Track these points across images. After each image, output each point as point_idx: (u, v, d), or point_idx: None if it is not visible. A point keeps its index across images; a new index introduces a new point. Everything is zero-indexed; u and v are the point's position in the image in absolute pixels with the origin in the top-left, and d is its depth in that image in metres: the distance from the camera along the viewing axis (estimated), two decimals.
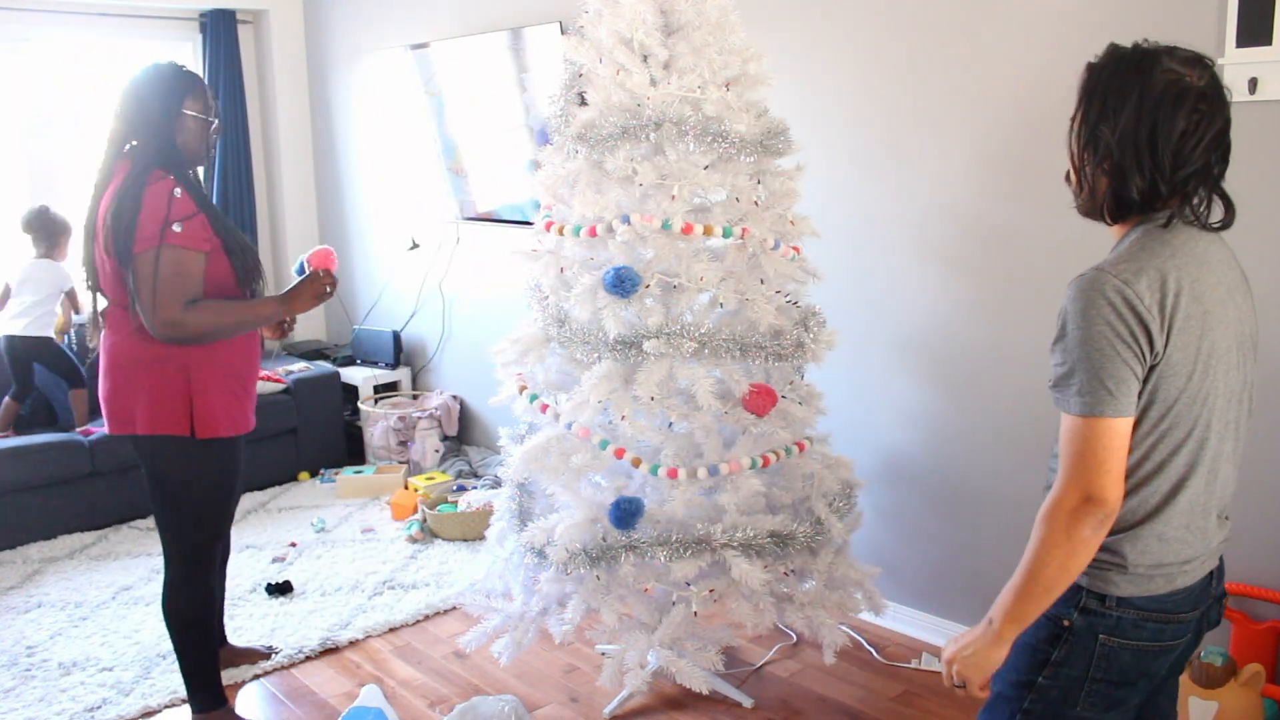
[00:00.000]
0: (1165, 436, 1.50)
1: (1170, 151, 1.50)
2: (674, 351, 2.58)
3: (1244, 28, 2.39)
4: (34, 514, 4.17)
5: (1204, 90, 1.51)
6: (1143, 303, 1.45)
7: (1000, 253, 2.95)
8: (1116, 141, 1.53)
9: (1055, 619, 1.57)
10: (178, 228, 2.49)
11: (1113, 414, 1.45)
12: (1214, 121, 1.51)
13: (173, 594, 2.71)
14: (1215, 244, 1.59)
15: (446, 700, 3.01)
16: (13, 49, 4.87)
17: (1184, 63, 1.52)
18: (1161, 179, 1.51)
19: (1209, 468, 1.54)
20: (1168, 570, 1.54)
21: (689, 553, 2.59)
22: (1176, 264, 1.49)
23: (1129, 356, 1.45)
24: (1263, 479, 2.55)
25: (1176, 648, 1.60)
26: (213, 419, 2.63)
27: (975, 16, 2.88)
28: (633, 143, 2.60)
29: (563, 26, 3.95)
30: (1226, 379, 1.54)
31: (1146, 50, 1.54)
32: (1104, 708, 1.58)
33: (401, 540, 4.16)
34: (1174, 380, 1.48)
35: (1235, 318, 1.56)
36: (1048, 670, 1.58)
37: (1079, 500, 1.46)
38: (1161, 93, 1.50)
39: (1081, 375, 1.47)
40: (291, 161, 5.70)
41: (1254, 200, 2.48)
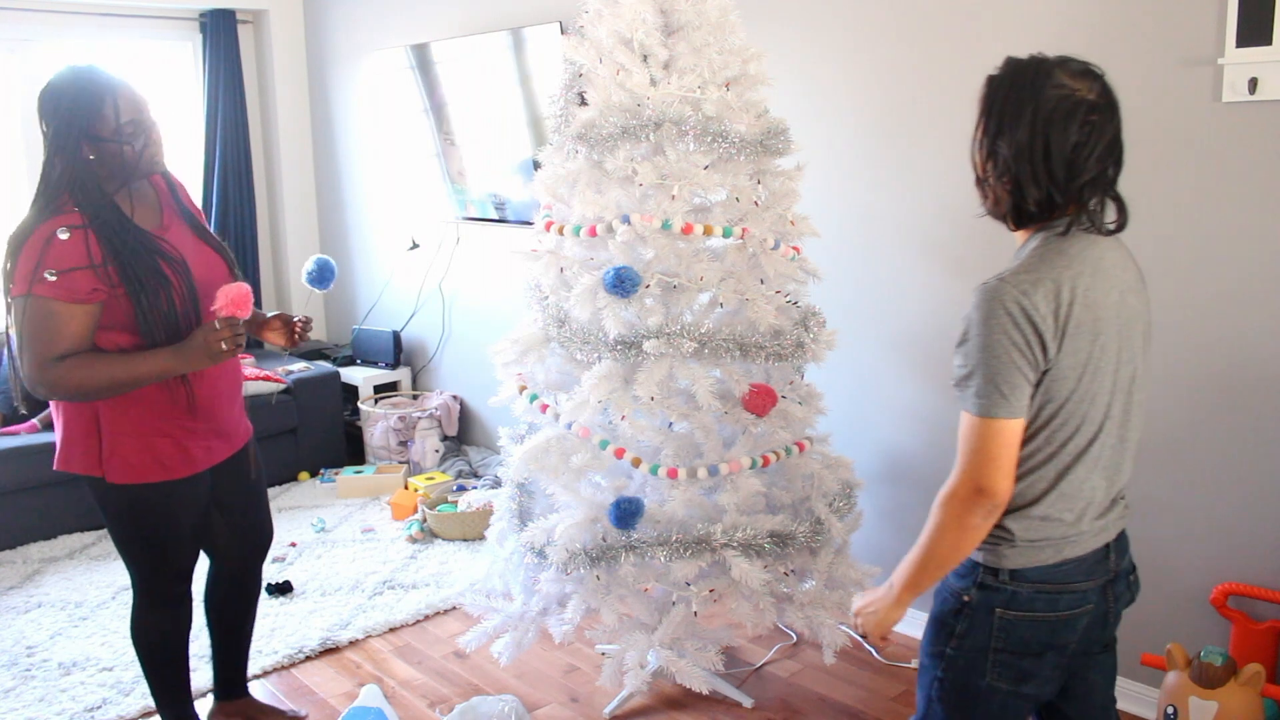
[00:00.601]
0: (1056, 432, 1.62)
1: (1063, 164, 1.60)
2: (674, 351, 2.58)
3: (1244, 28, 2.39)
4: (34, 514, 4.17)
5: (1095, 102, 1.61)
6: (1038, 313, 1.56)
7: (1001, 253, 2.94)
8: (1013, 156, 1.62)
9: (957, 594, 1.71)
10: (50, 276, 2.16)
11: (1006, 415, 1.58)
12: (1105, 131, 1.62)
13: (134, 617, 2.55)
14: (1111, 248, 1.68)
15: (446, 700, 3.01)
16: (12, 49, 4.87)
17: (1075, 76, 1.62)
18: (1056, 190, 1.61)
19: (1095, 456, 1.65)
20: (1055, 542, 1.65)
21: (689, 553, 2.59)
22: (1072, 274, 1.60)
23: (1023, 363, 1.57)
24: (1262, 480, 2.55)
25: (1077, 618, 1.69)
26: (125, 462, 2.34)
27: (975, 16, 2.88)
28: (633, 143, 2.60)
29: (563, 26, 3.95)
30: (1115, 377, 1.65)
31: (1039, 65, 1.63)
32: (1013, 679, 1.69)
33: (401, 540, 4.16)
34: (1065, 382, 1.60)
35: (1127, 318, 1.66)
36: (953, 642, 1.71)
37: (971, 491, 1.60)
38: (1053, 108, 1.59)
39: (979, 378, 1.58)
40: (291, 161, 5.70)
41: (1254, 200, 2.48)
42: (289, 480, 4.93)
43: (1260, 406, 2.53)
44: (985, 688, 1.70)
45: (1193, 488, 2.66)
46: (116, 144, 2.25)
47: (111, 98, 2.24)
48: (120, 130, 2.25)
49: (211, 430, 2.48)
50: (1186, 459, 2.66)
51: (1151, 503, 2.73)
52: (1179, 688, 2.47)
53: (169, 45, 5.39)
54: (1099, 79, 1.64)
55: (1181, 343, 2.63)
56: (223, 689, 2.85)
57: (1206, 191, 2.54)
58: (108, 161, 2.27)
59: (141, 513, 2.42)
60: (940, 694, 1.74)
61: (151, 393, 2.34)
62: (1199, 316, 2.59)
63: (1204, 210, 2.55)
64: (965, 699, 1.72)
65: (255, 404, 4.58)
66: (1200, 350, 2.60)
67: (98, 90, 2.23)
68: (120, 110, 2.25)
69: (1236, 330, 2.54)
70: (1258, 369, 2.53)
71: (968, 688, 1.71)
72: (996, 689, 1.70)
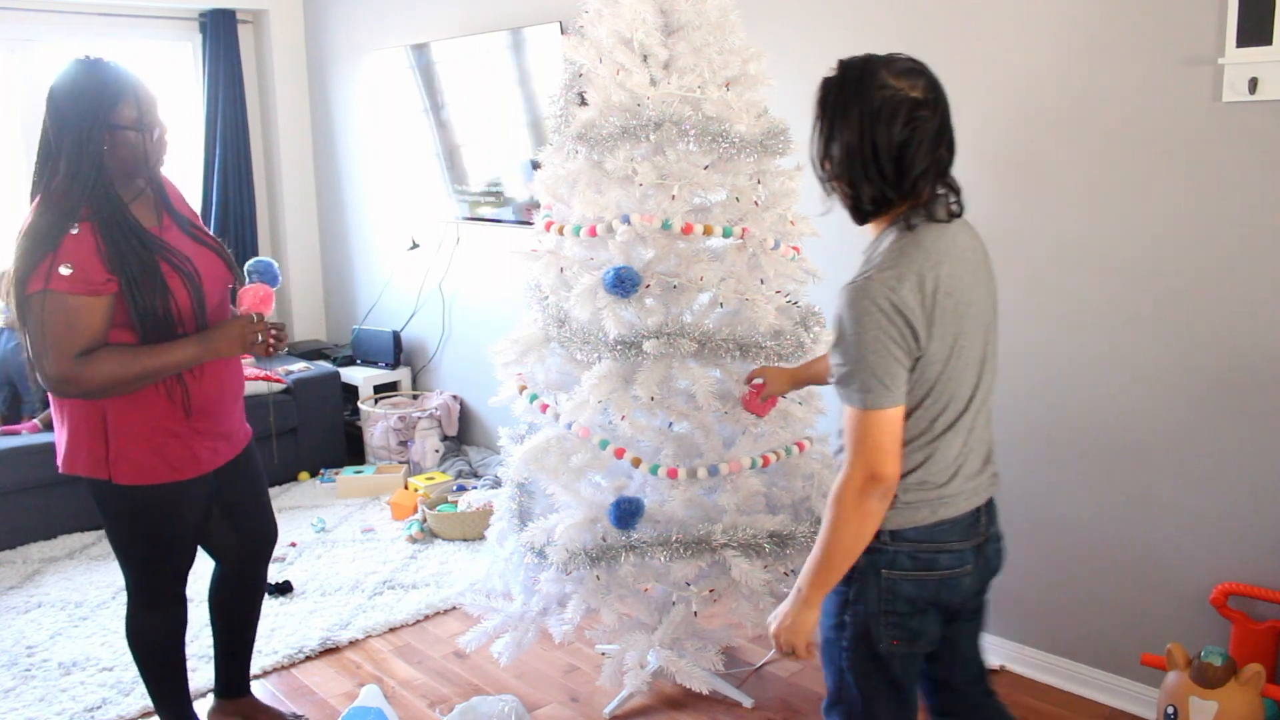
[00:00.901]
0: (929, 409, 1.73)
1: (891, 162, 1.69)
2: (674, 351, 2.58)
3: (1244, 28, 2.39)
4: (34, 514, 4.17)
5: (920, 99, 1.68)
6: (907, 305, 1.66)
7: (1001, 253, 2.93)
8: (844, 157, 1.72)
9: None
10: (65, 270, 2.17)
11: (889, 405, 1.67)
12: (931, 125, 1.69)
13: (130, 620, 2.54)
14: (961, 232, 1.79)
15: (446, 700, 3.01)
16: (12, 49, 4.87)
17: (900, 75, 1.69)
18: (888, 187, 1.71)
19: (967, 427, 1.78)
20: (930, 503, 1.76)
21: (689, 553, 2.59)
22: (932, 263, 1.69)
23: (899, 353, 1.67)
24: (1262, 480, 2.55)
25: (958, 578, 1.80)
26: (133, 464, 2.33)
27: (975, 16, 2.88)
28: (633, 143, 2.60)
29: (563, 26, 3.95)
30: (974, 354, 1.76)
31: (865, 66, 1.71)
32: (908, 639, 1.79)
33: (401, 540, 4.16)
34: (935, 365, 1.71)
35: (980, 297, 1.78)
36: (849, 610, 1.81)
37: (865, 479, 1.68)
38: (878, 109, 1.67)
39: (861, 374, 1.67)
40: (291, 161, 5.70)
41: (1254, 200, 2.47)
42: (289, 480, 4.93)
43: (1260, 406, 2.53)
44: (885, 652, 1.79)
45: (1193, 488, 2.66)
46: (137, 132, 2.26)
47: (132, 88, 2.26)
48: (140, 120, 2.26)
49: (216, 431, 2.48)
50: (1186, 459, 2.66)
51: (1152, 502, 2.74)
52: (1179, 688, 2.47)
53: (169, 45, 5.39)
54: (924, 75, 1.72)
55: (1181, 342, 2.63)
56: (224, 688, 2.85)
57: (1206, 191, 2.54)
58: (122, 152, 2.26)
59: (145, 514, 2.41)
60: (850, 663, 1.83)
61: (158, 395, 2.34)
62: (1198, 316, 2.59)
63: (1204, 210, 2.55)
64: (872, 665, 1.81)
65: (255, 404, 4.58)
66: (1200, 350, 2.60)
67: (120, 79, 2.26)
68: (140, 100, 2.27)
69: (1236, 330, 2.54)
70: (1257, 369, 2.52)
71: (872, 654, 1.80)
72: (896, 651, 1.79)
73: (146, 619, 2.54)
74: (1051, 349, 2.87)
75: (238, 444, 2.60)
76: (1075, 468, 2.86)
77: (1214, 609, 2.62)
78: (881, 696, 1.83)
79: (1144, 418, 2.72)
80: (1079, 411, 2.83)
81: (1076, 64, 2.71)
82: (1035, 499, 2.96)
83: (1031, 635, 3.03)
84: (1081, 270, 2.78)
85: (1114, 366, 2.76)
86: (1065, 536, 2.91)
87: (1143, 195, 2.65)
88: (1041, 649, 3.01)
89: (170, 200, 2.47)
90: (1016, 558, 3.02)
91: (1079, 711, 2.85)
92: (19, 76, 4.87)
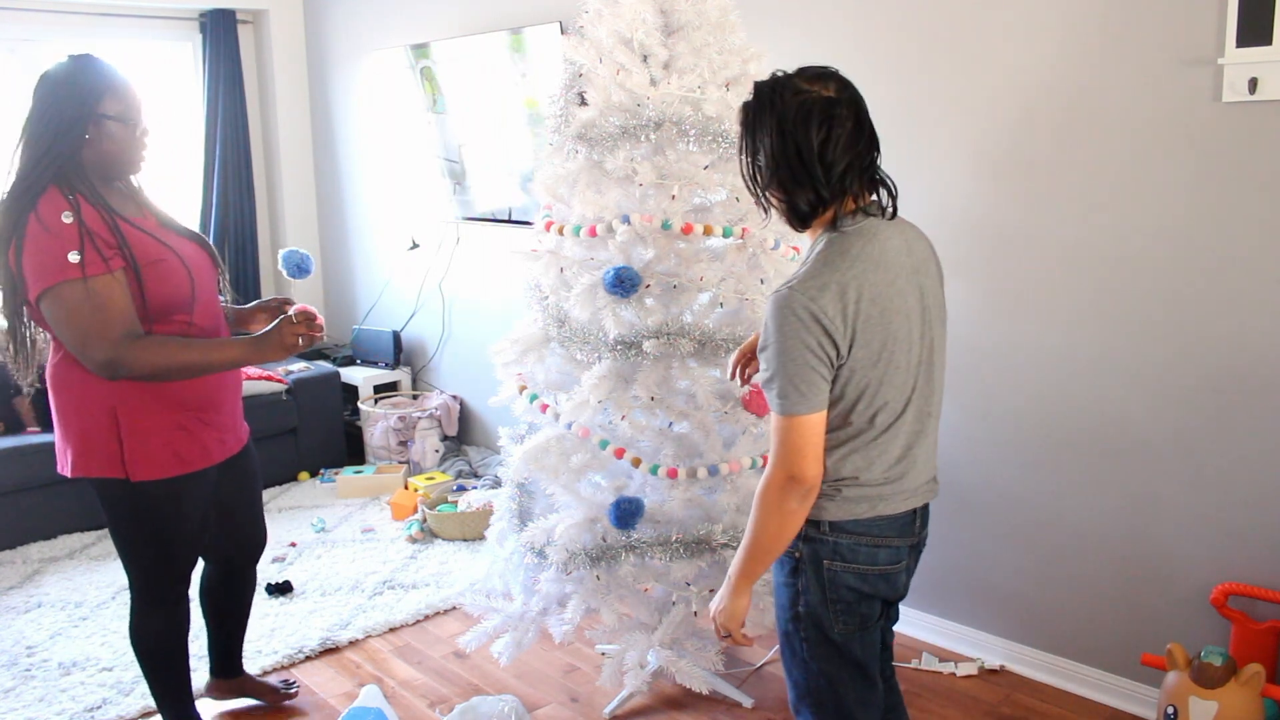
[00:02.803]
0: (861, 414, 1.78)
1: (816, 160, 1.74)
2: (674, 351, 2.58)
3: (1244, 28, 2.39)
4: (34, 514, 4.17)
5: (832, 98, 1.75)
6: (827, 315, 1.70)
7: (1002, 253, 2.95)
8: (772, 166, 1.78)
9: (790, 554, 1.87)
10: (74, 257, 2.17)
11: (806, 412, 1.73)
12: (847, 121, 1.75)
13: (134, 622, 2.55)
14: (895, 234, 1.82)
15: (446, 700, 3.01)
16: (12, 49, 4.87)
17: (810, 80, 1.77)
18: (820, 185, 1.76)
19: (908, 430, 1.82)
20: (869, 499, 1.81)
21: (689, 553, 2.60)
22: (855, 273, 1.74)
23: (816, 363, 1.72)
24: (1263, 480, 2.55)
25: (895, 573, 1.88)
26: (148, 459, 2.34)
27: (977, 17, 2.88)
28: (633, 143, 2.60)
29: (563, 26, 3.95)
30: (908, 357, 1.80)
31: (776, 80, 1.80)
32: (857, 626, 1.86)
33: (401, 540, 4.16)
34: (862, 371, 1.75)
35: (911, 303, 1.80)
36: (800, 601, 1.87)
37: (784, 479, 1.76)
38: (794, 113, 1.74)
39: (779, 380, 1.73)
40: (291, 161, 5.70)
41: (1254, 200, 2.47)
42: (289, 480, 4.93)
43: (1260, 406, 2.53)
44: (840, 639, 1.86)
45: (1193, 488, 2.66)
46: (121, 125, 2.28)
47: (121, 83, 2.29)
48: (125, 113, 2.29)
49: (221, 421, 2.50)
50: (1187, 459, 2.66)
51: (1152, 502, 2.74)
52: (1179, 688, 2.47)
53: (169, 45, 5.39)
54: (834, 77, 1.79)
55: (1181, 342, 2.63)
56: (218, 668, 2.94)
57: (1206, 191, 2.54)
58: (104, 145, 2.27)
59: (156, 511, 2.42)
60: (810, 653, 1.89)
61: (164, 387, 2.35)
62: (1199, 316, 2.59)
63: (1204, 210, 2.55)
64: (831, 650, 1.88)
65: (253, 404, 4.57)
66: (1200, 350, 2.60)
67: (109, 73, 2.29)
68: (129, 95, 2.30)
69: (1236, 330, 2.54)
70: (1258, 369, 2.53)
71: (828, 642, 1.87)
72: (850, 637, 1.87)
73: (150, 619, 2.55)
74: (1051, 349, 2.87)
75: (240, 438, 2.62)
76: (1076, 468, 2.86)
77: (1214, 609, 2.62)
78: (845, 678, 1.90)
79: (1144, 418, 2.72)
80: (1079, 411, 2.83)
81: (1077, 64, 2.71)
82: (1036, 499, 2.96)
83: (1031, 635, 3.03)
84: (1081, 270, 2.78)
85: (1113, 366, 2.76)
86: (1066, 536, 2.91)
87: (1143, 195, 2.65)
88: (1041, 649, 3.01)
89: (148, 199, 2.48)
90: (1017, 558, 3.03)
91: (1079, 711, 2.85)
92: (19, 76, 4.87)
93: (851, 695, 1.91)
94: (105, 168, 2.31)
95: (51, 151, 2.23)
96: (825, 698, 1.92)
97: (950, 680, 3.03)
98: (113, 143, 2.29)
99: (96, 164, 2.30)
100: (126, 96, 2.29)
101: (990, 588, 3.10)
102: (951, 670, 3.06)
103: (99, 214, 2.24)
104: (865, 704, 1.92)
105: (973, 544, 3.11)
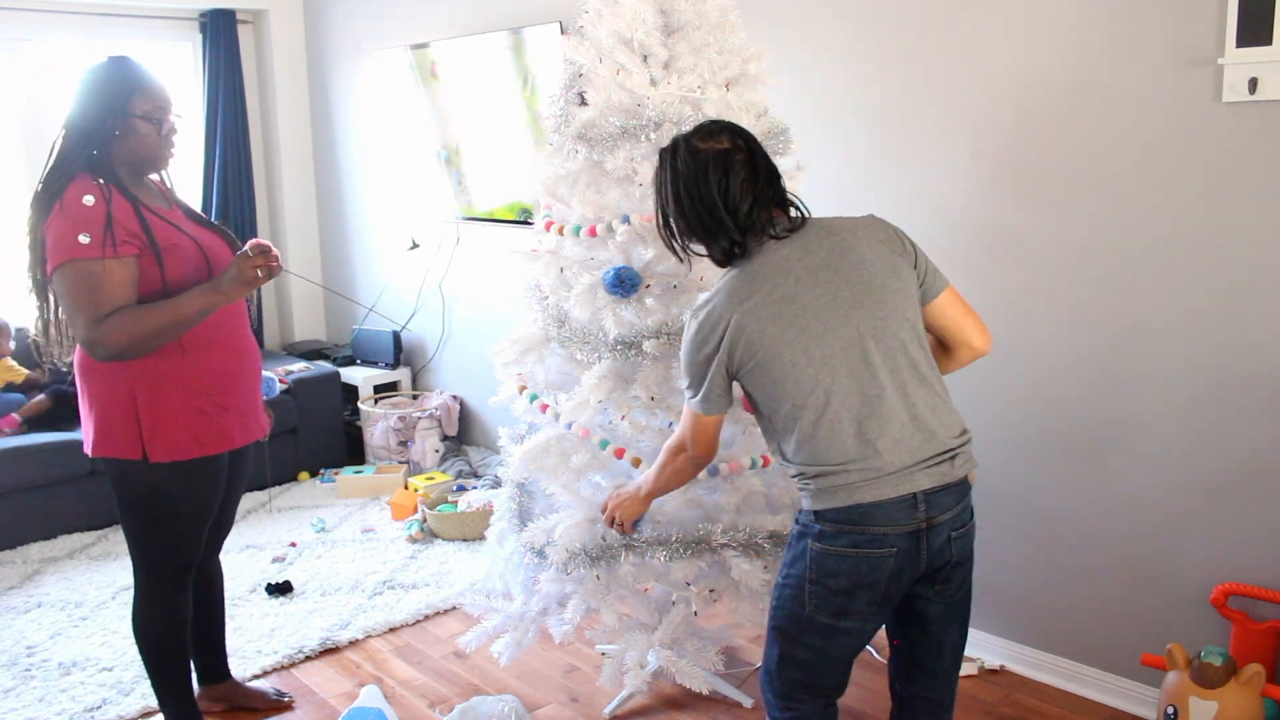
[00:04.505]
0: (784, 408, 1.93)
1: (721, 207, 1.92)
2: (674, 351, 2.58)
3: (1244, 28, 2.39)
4: (34, 514, 4.17)
5: (723, 150, 1.93)
6: (715, 333, 1.94)
7: (1003, 254, 2.95)
8: (684, 224, 1.99)
9: (790, 532, 2.04)
10: (85, 238, 2.27)
11: (704, 413, 2.06)
12: (741, 168, 1.92)
13: (139, 611, 2.58)
14: (794, 244, 1.95)
15: (446, 700, 3.01)
16: (13, 49, 4.87)
17: (703, 137, 1.95)
18: (732, 229, 1.93)
19: (853, 418, 1.89)
20: (846, 488, 1.90)
21: (689, 553, 2.59)
22: (747, 291, 1.92)
23: (711, 373, 1.98)
24: (1263, 480, 2.55)
25: (881, 559, 1.90)
26: (167, 441, 2.41)
27: (976, 16, 2.88)
28: (633, 143, 2.60)
29: (563, 26, 3.95)
30: (829, 350, 1.90)
31: (673, 146, 1.99)
32: (831, 613, 1.95)
33: (401, 540, 4.16)
34: (768, 371, 1.91)
35: (813, 299, 1.91)
36: (785, 571, 2.02)
37: (679, 444, 2.18)
38: (691, 173, 1.94)
39: (688, 383, 2.05)
40: (291, 161, 5.70)
41: (1254, 200, 2.47)
42: (289, 480, 4.93)
43: (1260, 406, 2.53)
44: (808, 617, 1.97)
45: (1193, 488, 2.66)
46: (149, 123, 2.39)
47: (151, 83, 2.41)
48: (153, 112, 2.40)
49: (241, 406, 2.56)
50: (1187, 459, 2.66)
51: (1152, 503, 2.74)
52: (1179, 688, 2.47)
53: (169, 45, 5.39)
54: (726, 129, 1.96)
55: (1181, 342, 2.63)
56: (204, 675, 2.91)
57: (1206, 191, 2.54)
58: (131, 141, 2.39)
59: (183, 491, 2.47)
60: (776, 619, 2.03)
61: (181, 373, 2.42)
62: (1199, 316, 2.59)
63: (1204, 210, 2.55)
64: (794, 624, 2.00)
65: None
66: (1200, 350, 2.60)
67: (140, 74, 2.41)
68: (157, 96, 2.41)
69: (1236, 330, 2.54)
70: (1258, 368, 2.53)
71: (796, 616, 1.99)
72: (818, 620, 1.96)
73: (155, 609, 2.58)
74: (1050, 349, 2.87)
75: (262, 425, 2.67)
76: (1076, 468, 2.86)
77: (1214, 609, 2.62)
78: (796, 658, 2.01)
79: (1144, 417, 2.72)
80: (1080, 411, 2.83)
81: (1076, 64, 2.71)
82: (1036, 498, 2.96)
83: (1031, 635, 3.03)
84: (1081, 270, 2.78)
85: (1112, 366, 2.76)
86: (1066, 536, 2.91)
87: (1143, 195, 2.65)
88: (1041, 649, 3.01)
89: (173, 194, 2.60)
90: (1017, 558, 3.03)
91: (1079, 711, 2.85)
92: (18, 76, 4.87)
93: (792, 677, 2.03)
94: (134, 163, 2.42)
95: (84, 144, 2.35)
96: (772, 669, 2.06)
97: None
98: (140, 140, 2.40)
99: (126, 159, 2.41)
100: (155, 97, 2.40)
101: (990, 587, 3.09)
102: None
103: (126, 202, 2.35)
104: (806, 689, 2.04)
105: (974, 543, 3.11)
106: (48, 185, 2.35)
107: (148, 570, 2.56)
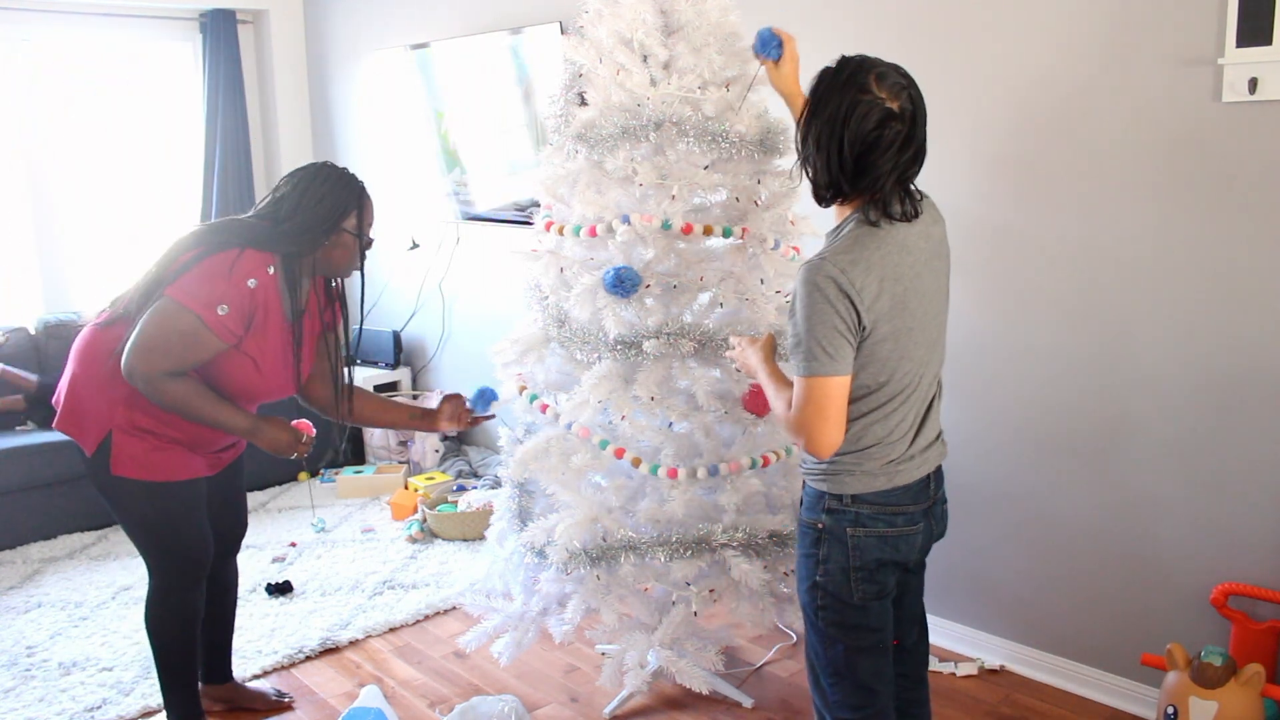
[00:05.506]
0: (882, 387, 1.89)
1: (853, 161, 1.82)
2: (674, 351, 2.58)
3: (1244, 28, 2.39)
4: (34, 514, 4.17)
5: (894, 111, 1.81)
6: (854, 287, 1.80)
7: (1002, 253, 2.95)
8: (815, 146, 1.87)
9: (812, 524, 1.99)
10: (222, 309, 2.36)
11: (831, 373, 1.82)
12: (899, 135, 1.82)
13: (149, 606, 2.63)
14: (913, 228, 1.91)
15: (446, 700, 3.01)
16: (13, 49, 4.87)
17: (883, 84, 1.82)
18: (844, 180, 1.85)
19: (920, 402, 1.95)
20: (888, 472, 1.93)
21: (689, 553, 2.60)
22: (882, 254, 1.84)
23: (843, 328, 1.81)
24: (1263, 480, 2.55)
25: (912, 535, 1.98)
26: (121, 455, 2.47)
27: (977, 16, 2.88)
28: (633, 143, 2.60)
29: (563, 26, 3.95)
30: (925, 335, 1.92)
31: (857, 69, 1.84)
32: (873, 595, 1.97)
33: (401, 540, 4.16)
34: (883, 345, 1.86)
35: (930, 286, 1.93)
36: (819, 570, 1.97)
37: (794, 434, 1.89)
38: (853, 110, 1.81)
39: (806, 343, 1.82)
40: (291, 161, 5.69)
41: (1254, 200, 2.47)
42: (289, 480, 4.93)
43: (1260, 406, 2.53)
44: (857, 604, 1.96)
45: (1193, 488, 2.66)
46: (355, 238, 2.54)
47: (367, 202, 2.57)
48: (359, 228, 2.55)
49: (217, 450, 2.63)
50: (1187, 458, 2.66)
51: (1152, 502, 2.74)
52: (1179, 688, 2.47)
53: (169, 45, 5.39)
54: (908, 90, 1.85)
55: (1181, 343, 2.63)
56: (207, 674, 2.93)
57: (1206, 191, 2.54)
58: (334, 252, 2.53)
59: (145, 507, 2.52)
60: (827, 620, 1.99)
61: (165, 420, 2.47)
62: (1199, 316, 2.59)
63: (1204, 210, 2.55)
64: (847, 616, 1.97)
65: None
66: (1200, 350, 2.60)
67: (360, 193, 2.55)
68: (366, 214, 2.56)
69: (1236, 330, 2.54)
70: (1257, 368, 2.52)
71: (845, 606, 1.97)
72: (869, 605, 1.97)
73: (169, 604, 2.62)
74: (1050, 348, 2.87)
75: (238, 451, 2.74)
76: (1075, 467, 2.86)
77: (1214, 609, 2.62)
78: (861, 648, 1.99)
79: (1144, 417, 2.72)
80: (1079, 411, 2.83)
81: (1077, 64, 2.71)
82: (1036, 498, 2.96)
83: (1031, 635, 3.03)
84: (1081, 270, 2.78)
85: (1112, 366, 2.76)
86: (1066, 536, 2.91)
87: (1142, 195, 2.65)
88: (1041, 649, 3.01)
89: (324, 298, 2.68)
90: (1017, 558, 3.03)
91: (1079, 711, 2.85)
92: (19, 76, 4.87)
93: (867, 666, 2.00)
94: (326, 266, 2.58)
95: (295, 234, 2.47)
96: (841, 668, 2.01)
97: (950, 680, 3.03)
98: (340, 250, 2.55)
99: (321, 260, 2.56)
100: (365, 215, 2.56)
101: (990, 588, 3.10)
102: (951, 670, 3.06)
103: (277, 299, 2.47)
104: (880, 676, 2.02)
105: (973, 544, 3.11)
106: (240, 234, 2.44)
107: (157, 567, 2.61)
